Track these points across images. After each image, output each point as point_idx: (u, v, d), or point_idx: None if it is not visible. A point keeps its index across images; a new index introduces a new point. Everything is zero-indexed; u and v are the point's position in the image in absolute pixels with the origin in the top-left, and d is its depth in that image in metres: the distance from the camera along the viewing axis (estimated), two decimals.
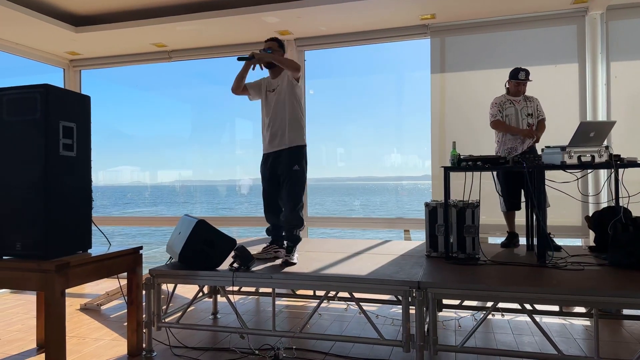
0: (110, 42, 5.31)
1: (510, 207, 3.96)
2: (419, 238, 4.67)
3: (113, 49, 5.60)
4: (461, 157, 3.47)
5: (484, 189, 3.98)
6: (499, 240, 4.22)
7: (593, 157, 3.11)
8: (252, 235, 5.47)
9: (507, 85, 4.04)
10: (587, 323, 3.56)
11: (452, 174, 4.17)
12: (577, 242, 4.47)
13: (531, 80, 3.95)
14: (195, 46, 5.48)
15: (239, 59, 3.33)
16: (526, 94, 4.02)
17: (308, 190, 5.39)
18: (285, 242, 3.38)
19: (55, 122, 2.59)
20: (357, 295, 2.93)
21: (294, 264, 3.15)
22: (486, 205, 4.41)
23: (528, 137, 3.86)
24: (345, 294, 3.25)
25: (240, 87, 3.41)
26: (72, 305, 4.27)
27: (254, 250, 3.76)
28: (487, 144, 4.58)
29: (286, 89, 3.34)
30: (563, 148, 3.08)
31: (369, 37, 4.93)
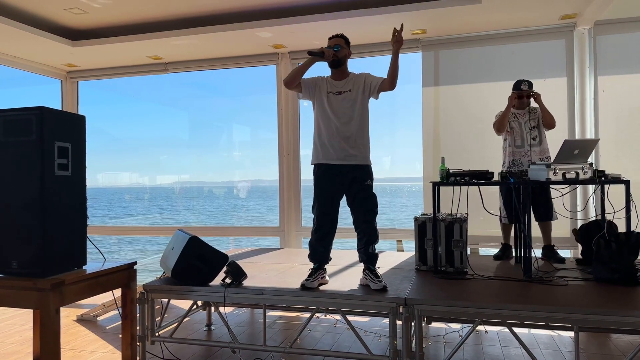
0: (107, 55, 5.38)
1: (512, 220, 3.97)
2: (412, 247, 4.73)
3: (110, 62, 5.67)
4: (450, 171, 3.54)
5: (472, 202, 4.05)
6: (490, 251, 4.29)
7: (577, 173, 3.18)
8: (249, 245, 5.52)
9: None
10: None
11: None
12: (567, 253, 4.54)
13: (534, 92, 3.89)
14: (191, 58, 5.55)
15: (309, 53, 3.03)
16: (530, 105, 4.00)
17: (302, 196, 5.48)
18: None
19: (51, 142, 2.65)
20: (348, 308, 2.99)
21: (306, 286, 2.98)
22: (477, 217, 4.48)
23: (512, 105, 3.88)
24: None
25: (295, 81, 3.06)
26: (69, 316, 4.33)
27: (247, 264, 3.83)
28: (478, 156, 4.66)
29: (360, 98, 3.07)
30: (548, 165, 3.16)
31: (362, 50, 5.01)
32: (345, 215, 3.25)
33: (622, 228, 3.27)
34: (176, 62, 5.65)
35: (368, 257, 3.06)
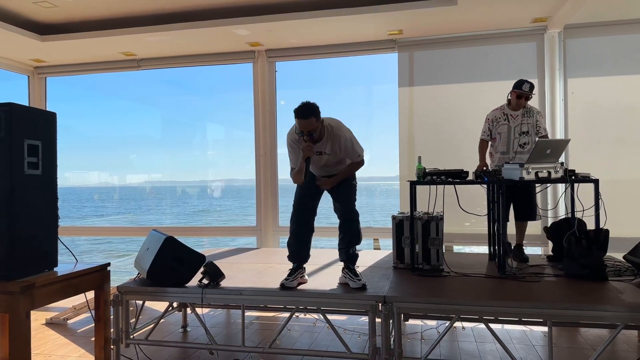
0: (77, 51, 5.23)
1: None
2: (389, 245, 4.77)
3: (80, 57, 5.51)
4: (426, 170, 3.58)
5: (447, 200, 4.10)
6: (464, 248, 4.35)
7: (549, 172, 3.27)
8: (225, 245, 5.46)
9: (509, 97, 3.91)
10: (546, 329, 3.72)
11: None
12: (538, 250, 4.66)
13: (534, 94, 3.85)
14: (165, 55, 5.45)
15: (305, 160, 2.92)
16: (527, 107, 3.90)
17: (280, 195, 5.47)
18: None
19: (20, 140, 2.56)
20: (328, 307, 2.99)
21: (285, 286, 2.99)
22: (452, 216, 4.54)
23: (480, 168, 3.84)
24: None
25: (301, 177, 2.99)
26: (37, 320, 4.19)
27: (225, 264, 3.79)
28: (454, 155, 4.73)
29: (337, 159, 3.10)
30: (521, 165, 3.23)
31: (339, 50, 5.03)
32: (324, 213, 3.26)
33: (591, 225, 3.38)
34: (150, 58, 5.53)
35: (348, 257, 3.07)
